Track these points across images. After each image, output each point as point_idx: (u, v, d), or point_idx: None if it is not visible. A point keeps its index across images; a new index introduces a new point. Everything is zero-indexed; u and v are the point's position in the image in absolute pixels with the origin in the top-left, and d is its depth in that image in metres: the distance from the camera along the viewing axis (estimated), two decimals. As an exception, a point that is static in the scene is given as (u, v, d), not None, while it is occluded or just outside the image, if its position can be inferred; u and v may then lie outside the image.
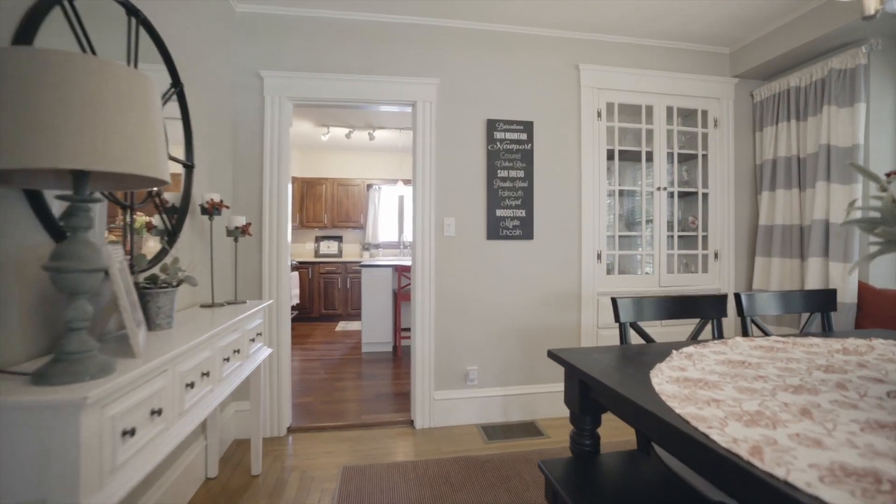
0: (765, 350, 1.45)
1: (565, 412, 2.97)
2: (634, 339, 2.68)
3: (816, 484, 0.65)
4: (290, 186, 2.67)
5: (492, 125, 2.85)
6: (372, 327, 4.63)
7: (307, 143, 6.47)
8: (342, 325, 6.17)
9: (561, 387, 2.98)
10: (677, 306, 1.70)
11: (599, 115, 3.00)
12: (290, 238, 2.72)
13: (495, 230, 2.86)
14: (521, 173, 2.89)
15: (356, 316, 6.44)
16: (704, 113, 3.18)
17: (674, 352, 1.42)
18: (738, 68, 3.18)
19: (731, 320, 3.16)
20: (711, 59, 3.24)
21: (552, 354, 1.48)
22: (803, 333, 1.75)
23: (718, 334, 1.73)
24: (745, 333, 1.76)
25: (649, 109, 3.09)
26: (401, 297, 4.56)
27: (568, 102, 2.99)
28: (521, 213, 2.89)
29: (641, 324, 3.00)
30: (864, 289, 2.53)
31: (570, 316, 2.99)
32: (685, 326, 3.03)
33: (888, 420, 0.87)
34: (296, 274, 5.88)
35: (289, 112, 2.70)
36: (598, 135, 2.99)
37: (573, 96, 3.00)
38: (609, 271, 3.06)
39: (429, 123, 2.78)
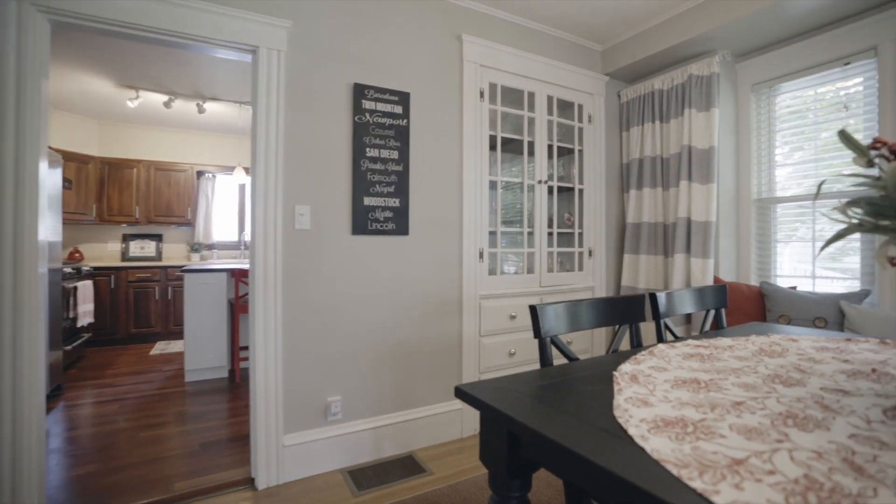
0: (697, 359, 1.23)
1: (446, 437, 2.57)
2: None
3: None
4: (44, 164, 1.73)
5: (360, 91, 2.31)
6: (199, 348, 3.63)
7: (108, 112, 4.99)
8: (160, 347, 4.88)
9: (442, 407, 2.57)
10: (600, 312, 1.40)
11: (482, 95, 2.68)
12: (49, 235, 1.77)
13: (363, 223, 2.32)
14: (394, 154, 2.40)
15: (181, 334, 5.18)
16: (580, 107, 3.12)
17: (615, 374, 1.09)
18: (609, 67, 3.20)
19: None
20: (587, 54, 3.21)
21: (462, 392, 1.03)
22: (704, 333, 1.63)
23: (638, 342, 1.48)
24: (660, 338, 1.55)
25: (531, 97, 2.90)
26: (240, 308, 3.68)
27: (449, 76, 2.61)
28: (395, 202, 2.41)
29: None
30: (717, 283, 2.67)
31: (451, 324, 2.60)
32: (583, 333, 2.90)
33: None
34: (89, 283, 4.43)
35: (44, 37, 1.77)
36: (480, 117, 2.67)
37: (455, 70, 2.63)
38: (491, 271, 2.76)
39: (276, 80, 2.10)
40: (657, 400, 0.92)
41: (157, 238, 5.62)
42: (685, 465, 0.65)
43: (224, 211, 6.10)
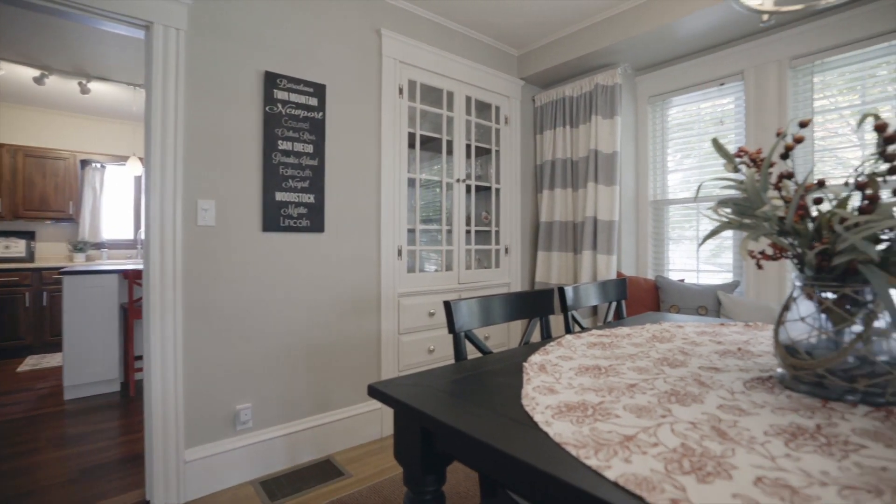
0: (600, 347, 1.33)
1: (365, 438, 2.52)
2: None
3: None
4: None
5: (272, 80, 2.18)
6: (83, 361, 3.21)
7: (-36, 88, 4.24)
8: (32, 363, 4.25)
9: (362, 408, 2.52)
10: (512, 307, 1.45)
11: (401, 91, 2.67)
12: None
13: (275, 219, 2.20)
14: (309, 148, 2.30)
15: (59, 346, 4.55)
16: (497, 109, 3.22)
17: (525, 365, 1.14)
18: (525, 71, 3.34)
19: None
20: (504, 58, 3.32)
21: (375, 391, 1.01)
22: (607, 323, 1.76)
23: (548, 334, 1.56)
24: (567, 329, 1.65)
25: (450, 96, 2.93)
26: (135, 314, 3.32)
27: (367, 71, 2.56)
28: (310, 198, 2.31)
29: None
30: (621, 277, 2.91)
31: (369, 323, 2.55)
32: (500, 328, 2.98)
33: (787, 423, 0.71)
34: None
35: None
36: (399, 114, 2.66)
37: (373, 65, 2.58)
38: (410, 269, 2.76)
39: (174, 61, 1.92)
40: (562, 387, 0.98)
41: (28, 236, 4.89)
42: (583, 446, 0.69)
43: (116, 206, 5.46)
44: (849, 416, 0.79)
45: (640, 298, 2.73)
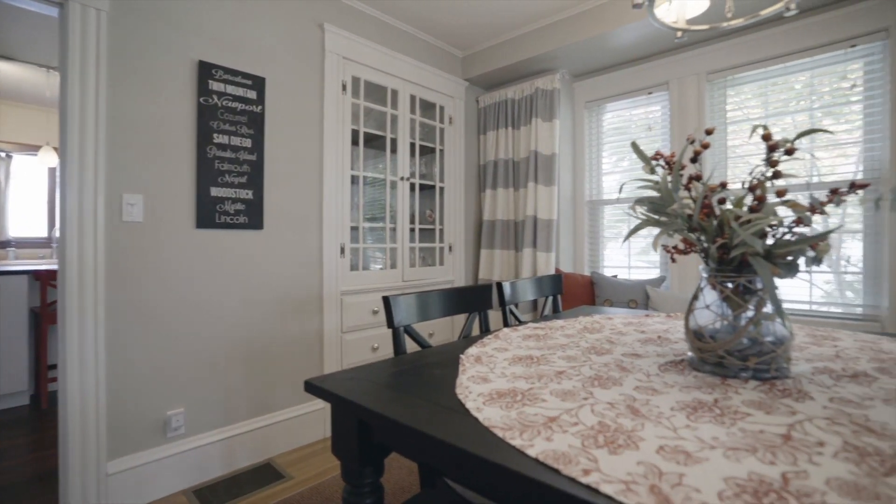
0: (534, 339, 1.39)
1: (308, 438, 2.47)
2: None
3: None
4: None
5: (207, 70, 2.08)
6: (-11, 369, 2.90)
7: None
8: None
9: (304, 408, 2.47)
10: (450, 302, 1.49)
11: (345, 88, 2.64)
12: None
13: (209, 215, 2.11)
14: (247, 142, 2.23)
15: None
16: (442, 108, 3.26)
17: (462, 357, 1.18)
18: (469, 73, 3.41)
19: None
20: (449, 59, 3.36)
21: (312, 386, 1.01)
22: (544, 317, 1.84)
23: (486, 328, 1.61)
24: (506, 323, 1.71)
25: (395, 94, 2.93)
26: (49, 318, 3.04)
27: (310, 65, 2.51)
28: (248, 193, 2.23)
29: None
30: (559, 273, 3.05)
31: (312, 321, 2.51)
32: (445, 324, 3.01)
33: (690, 399, 0.81)
34: None
35: None
36: (343, 110, 2.63)
37: (316, 60, 2.53)
38: (353, 267, 2.74)
39: (94, 44, 1.79)
40: (496, 376, 1.02)
41: (-80, 233, 4.33)
42: (510, 428, 0.74)
43: (26, 200, 4.97)
44: (741, 390, 0.89)
45: (577, 293, 2.87)
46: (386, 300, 1.27)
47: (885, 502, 0.52)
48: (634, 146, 1.08)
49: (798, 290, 2.58)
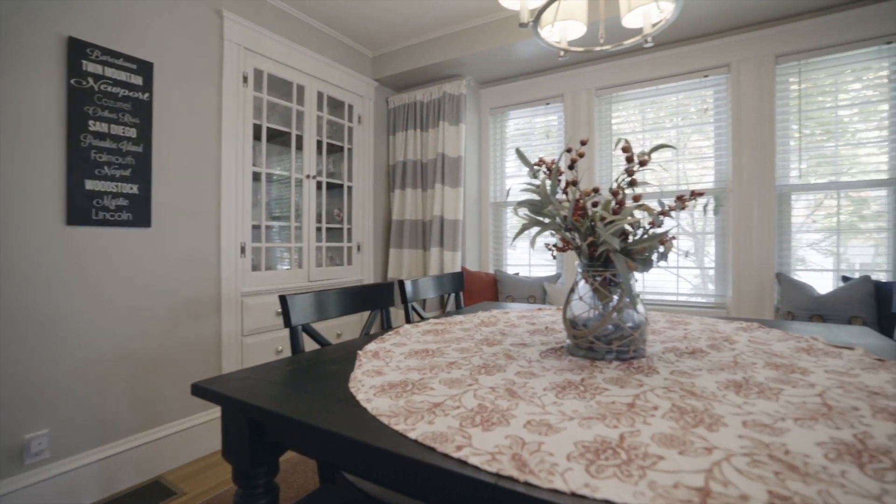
0: (433, 334, 1.45)
1: (204, 450, 2.32)
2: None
3: (599, 485, 0.53)
4: None
5: (79, 49, 1.87)
6: None
7: None
8: None
9: (199, 418, 2.31)
10: (351, 300, 1.50)
11: (246, 80, 2.51)
12: None
13: (84, 211, 1.89)
14: (132, 132, 2.03)
15: None
16: (351, 107, 3.23)
17: (359, 353, 1.20)
18: (378, 73, 3.41)
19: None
20: (358, 58, 3.33)
21: (200, 389, 0.97)
22: (446, 313, 1.92)
23: (388, 325, 1.65)
24: (408, 320, 1.76)
25: (301, 90, 2.85)
26: None
27: (206, 53, 2.35)
28: (133, 188, 2.04)
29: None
30: (465, 271, 3.17)
31: (208, 325, 2.36)
32: (354, 324, 2.97)
33: (562, 379, 0.92)
34: None
35: None
36: (244, 103, 2.50)
37: (214, 48, 2.38)
38: (255, 267, 2.62)
39: (-74, 9, 1.52)
40: (390, 369, 1.06)
41: None
42: (395, 415, 0.78)
43: None
44: (605, 370, 1.02)
45: (482, 290, 3.01)
46: (282, 299, 1.25)
47: (689, 447, 0.64)
48: (518, 152, 1.19)
49: (669, 284, 2.96)
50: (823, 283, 2.51)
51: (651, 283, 3.00)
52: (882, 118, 2.43)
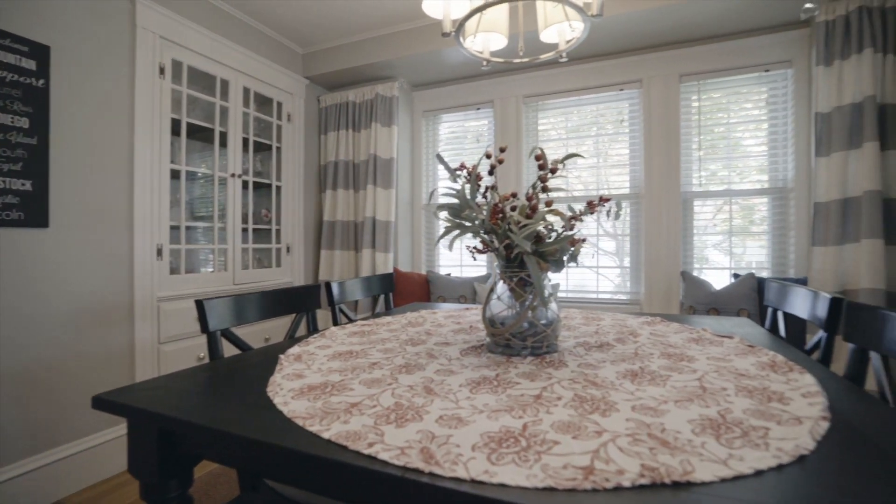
0: (359, 335, 1.46)
1: (113, 469, 2.15)
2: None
3: (497, 471, 0.57)
4: None
5: (-48, 28, 1.66)
6: None
7: None
8: None
9: (108, 434, 2.13)
10: (275, 303, 1.47)
11: (163, 71, 2.35)
12: None
13: (-36, 209, 1.69)
14: (23, 121, 1.84)
15: None
16: (279, 105, 3.13)
17: (281, 357, 1.19)
18: (310, 71, 3.33)
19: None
20: (288, 54, 3.23)
21: (102, 401, 0.91)
22: (375, 314, 1.93)
23: (314, 328, 1.63)
24: (335, 322, 1.75)
25: (225, 84, 2.72)
26: None
27: (115, 40, 2.17)
28: (25, 184, 1.85)
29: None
30: (397, 272, 3.18)
31: (119, 334, 2.18)
32: (265, 325, 2.86)
33: (478, 376, 0.97)
34: None
35: None
36: (160, 96, 2.34)
37: (124, 35, 2.21)
38: (174, 270, 2.46)
39: None
40: (311, 372, 1.06)
41: None
42: (311, 417, 0.79)
43: None
44: (519, 365, 1.09)
45: (414, 291, 3.05)
46: (199, 304, 1.20)
47: (583, 431, 0.71)
48: (439, 157, 1.23)
49: (592, 282, 3.16)
50: (721, 280, 2.80)
51: (575, 281, 3.18)
52: (764, 135, 2.77)
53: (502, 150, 1.31)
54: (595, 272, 3.14)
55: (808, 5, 2.34)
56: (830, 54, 2.28)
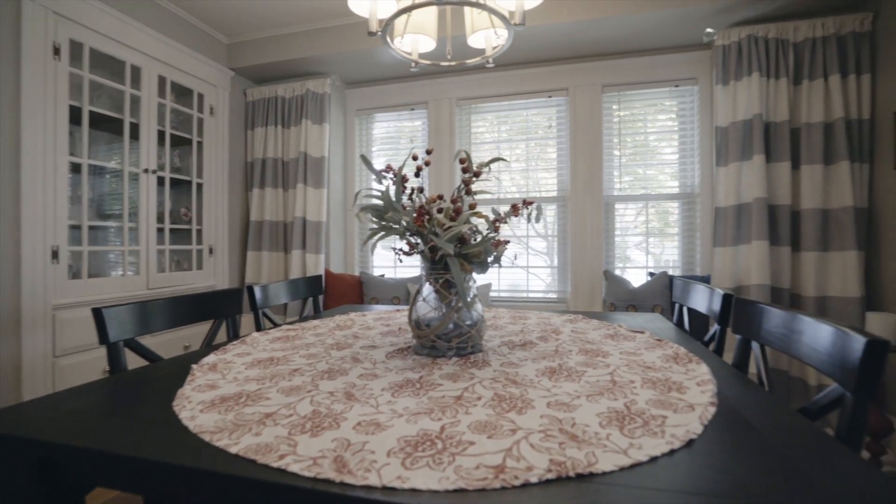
0: (283, 340, 1.41)
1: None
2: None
3: (410, 476, 0.57)
4: None
5: None
6: None
7: None
8: None
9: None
10: (188, 309, 1.37)
11: (58, 52, 2.11)
12: None
13: None
14: None
15: None
16: (201, 96, 2.92)
17: (194, 367, 1.11)
18: (235, 62, 3.15)
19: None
20: (212, 43, 3.03)
21: (-32, 426, 0.80)
22: (303, 318, 1.87)
23: (235, 334, 1.54)
24: (258, 328, 1.67)
25: (137, 71, 2.49)
26: None
27: (-9, 14, 1.92)
28: None
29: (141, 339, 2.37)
30: (328, 274, 3.10)
31: (3, 348, 1.93)
32: (184, 331, 2.65)
33: (401, 379, 0.97)
34: None
35: None
36: (54, 80, 2.10)
37: (5, 7, 1.95)
38: (75, 275, 2.22)
39: None
40: (226, 382, 1.00)
41: None
42: (220, 430, 0.74)
43: None
44: (444, 367, 1.09)
45: (346, 293, 2.98)
46: (96, 312, 1.09)
47: (499, 430, 0.72)
48: (363, 158, 1.21)
49: (524, 281, 3.26)
50: (641, 278, 3.01)
51: (508, 281, 3.27)
52: (676, 145, 3.01)
53: (429, 153, 1.31)
54: (526, 272, 3.25)
55: (708, 30, 2.58)
56: (727, 75, 2.53)
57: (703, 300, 1.54)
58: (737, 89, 2.50)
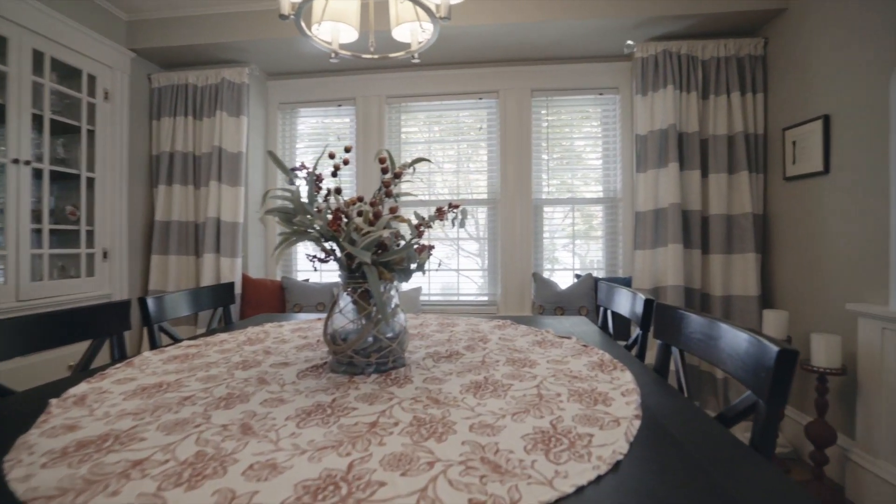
0: (180, 360, 1.23)
1: None
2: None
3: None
4: None
5: None
6: None
7: None
8: None
9: None
10: (52, 329, 1.15)
11: None
12: None
13: None
14: None
15: None
16: (92, 78, 2.56)
17: (52, 402, 0.92)
18: (137, 42, 2.80)
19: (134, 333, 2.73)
20: (107, 18, 2.67)
21: None
22: (210, 331, 1.67)
23: (121, 355, 1.33)
24: (153, 346, 1.46)
25: (3, 42, 2.12)
26: None
27: None
28: None
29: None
30: (246, 279, 2.86)
31: None
32: (73, 348, 2.30)
33: (311, 403, 0.87)
34: None
35: None
36: None
37: None
38: (-83, 285, 1.84)
39: None
40: (92, 420, 0.83)
41: None
42: (63, 493, 0.59)
43: None
44: (361, 386, 0.99)
45: (265, 300, 2.76)
46: (-85, 339, 0.87)
47: (414, 464, 0.64)
48: (272, 156, 1.08)
49: (455, 285, 3.22)
50: (568, 280, 3.08)
51: (439, 284, 3.21)
52: (600, 151, 3.12)
53: (347, 150, 1.20)
54: (457, 274, 3.22)
55: (628, 42, 2.69)
56: (645, 86, 2.65)
57: (626, 304, 1.57)
58: (654, 100, 2.63)
